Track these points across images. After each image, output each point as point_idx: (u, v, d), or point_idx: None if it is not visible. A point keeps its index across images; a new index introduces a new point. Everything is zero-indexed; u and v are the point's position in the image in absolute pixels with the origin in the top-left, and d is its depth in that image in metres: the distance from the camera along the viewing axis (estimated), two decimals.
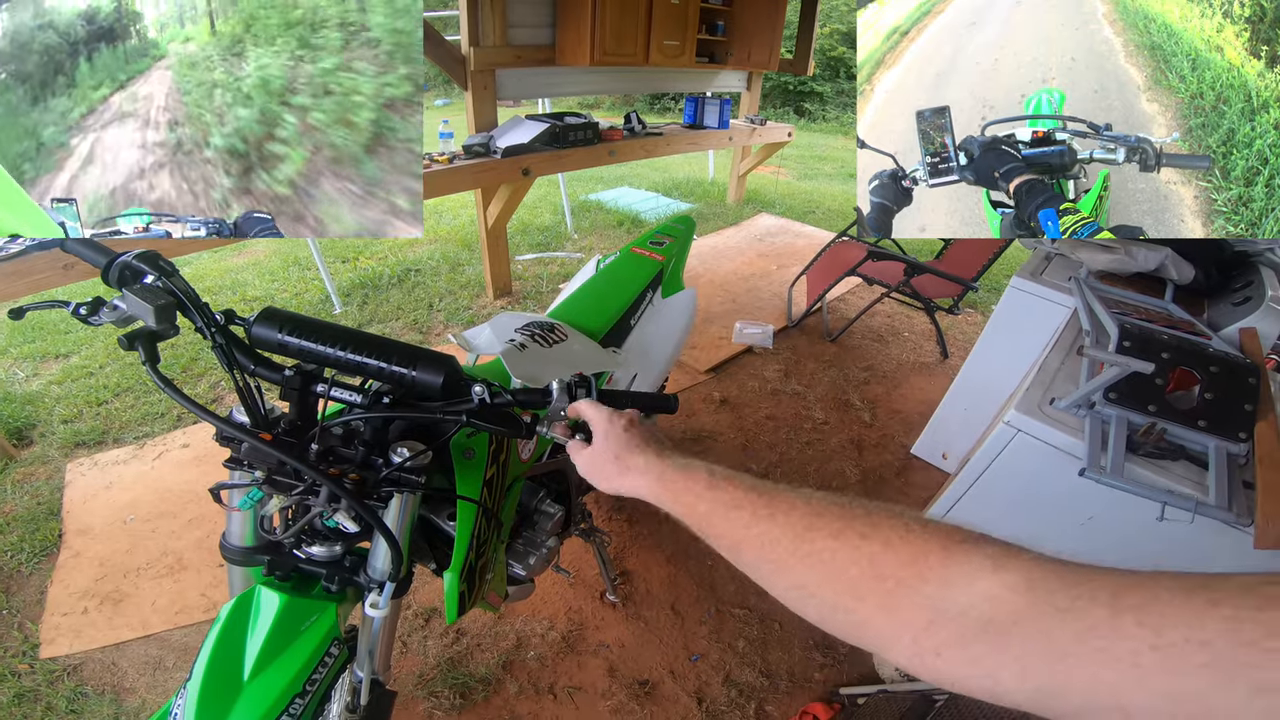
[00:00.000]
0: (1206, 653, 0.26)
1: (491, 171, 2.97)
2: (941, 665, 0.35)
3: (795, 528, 0.45)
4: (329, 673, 0.80)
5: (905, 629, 0.37)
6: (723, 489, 0.52)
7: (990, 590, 0.35)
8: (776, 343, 3.28)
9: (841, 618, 0.42)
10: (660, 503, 0.57)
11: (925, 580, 0.37)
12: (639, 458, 0.61)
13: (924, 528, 0.40)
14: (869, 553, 0.41)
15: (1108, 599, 0.30)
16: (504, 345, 1.18)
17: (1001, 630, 0.33)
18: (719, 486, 0.52)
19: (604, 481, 0.64)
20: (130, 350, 0.68)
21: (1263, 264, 1.69)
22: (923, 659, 0.36)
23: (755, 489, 0.50)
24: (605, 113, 12.05)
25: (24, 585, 1.78)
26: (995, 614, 0.34)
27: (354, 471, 0.75)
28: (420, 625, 1.71)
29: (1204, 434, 1.14)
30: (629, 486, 0.61)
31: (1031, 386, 1.35)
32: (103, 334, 3.01)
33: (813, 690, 1.63)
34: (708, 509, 0.52)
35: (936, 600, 0.37)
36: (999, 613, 0.34)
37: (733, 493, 0.51)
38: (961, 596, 0.36)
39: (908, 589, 0.38)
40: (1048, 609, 0.32)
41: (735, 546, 0.49)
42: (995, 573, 0.35)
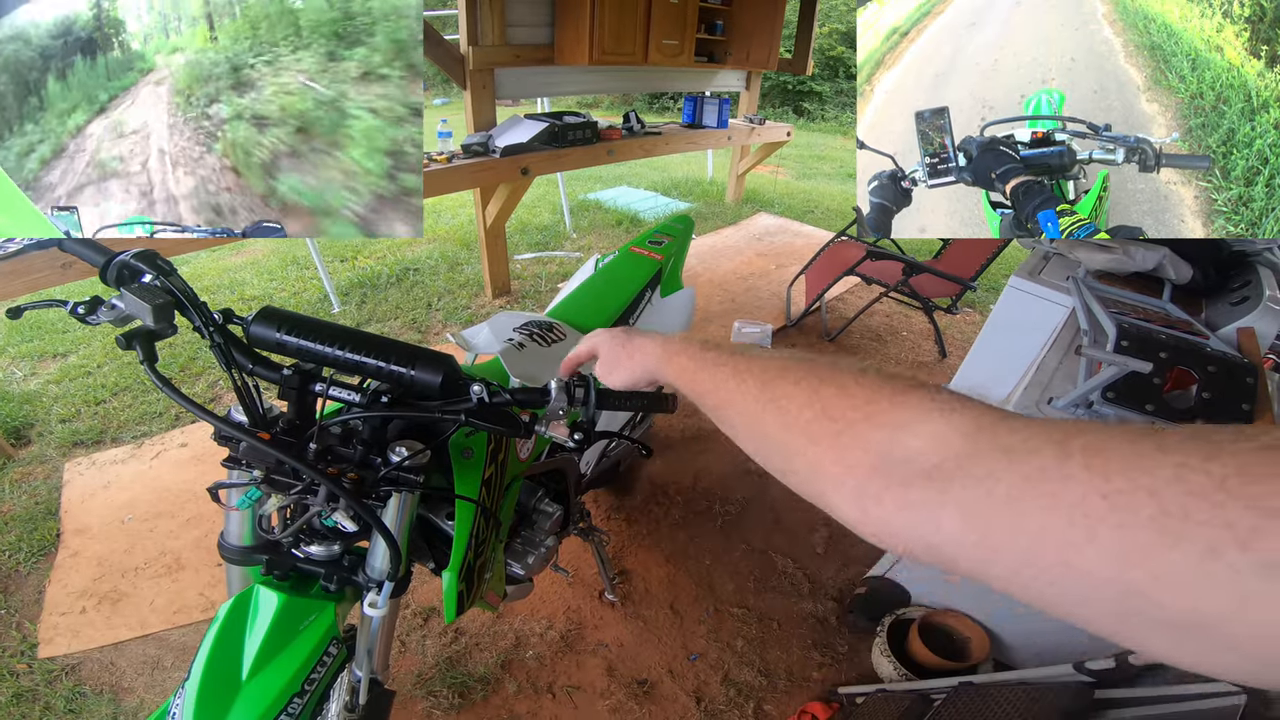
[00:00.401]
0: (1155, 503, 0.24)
1: (490, 171, 2.97)
2: (882, 512, 0.34)
3: (765, 377, 0.46)
4: (327, 672, 0.80)
5: (850, 473, 0.36)
6: (712, 351, 0.55)
7: (937, 431, 0.34)
8: (775, 342, 3.28)
9: (796, 463, 0.41)
10: (664, 375, 0.61)
11: (874, 424, 0.37)
12: (644, 339, 0.65)
13: (879, 374, 0.40)
14: (825, 396, 0.41)
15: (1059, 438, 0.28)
16: (502, 344, 1.18)
17: (945, 474, 0.32)
18: (708, 349, 0.55)
19: (623, 369, 0.67)
20: (128, 349, 0.68)
21: (1260, 264, 1.70)
22: (864, 506, 0.35)
23: (739, 351, 0.52)
24: (604, 112, 12.05)
25: (22, 585, 1.78)
26: (941, 457, 0.33)
27: (352, 471, 0.75)
28: (419, 624, 1.71)
29: None
30: (641, 364, 0.64)
31: (1029, 386, 1.35)
32: (101, 333, 3.00)
33: (811, 689, 1.63)
34: (696, 369, 0.55)
35: (883, 444, 0.36)
36: (944, 455, 0.32)
37: (718, 355, 0.53)
38: (910, 440, 0.35)
39: (856, 432, 0.37)
40: (994, 449, 0.31)
41: (718, 406, 0.51)
42: (944, 416, 0.34)
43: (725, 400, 0.50)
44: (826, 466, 0.38)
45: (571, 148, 3.33)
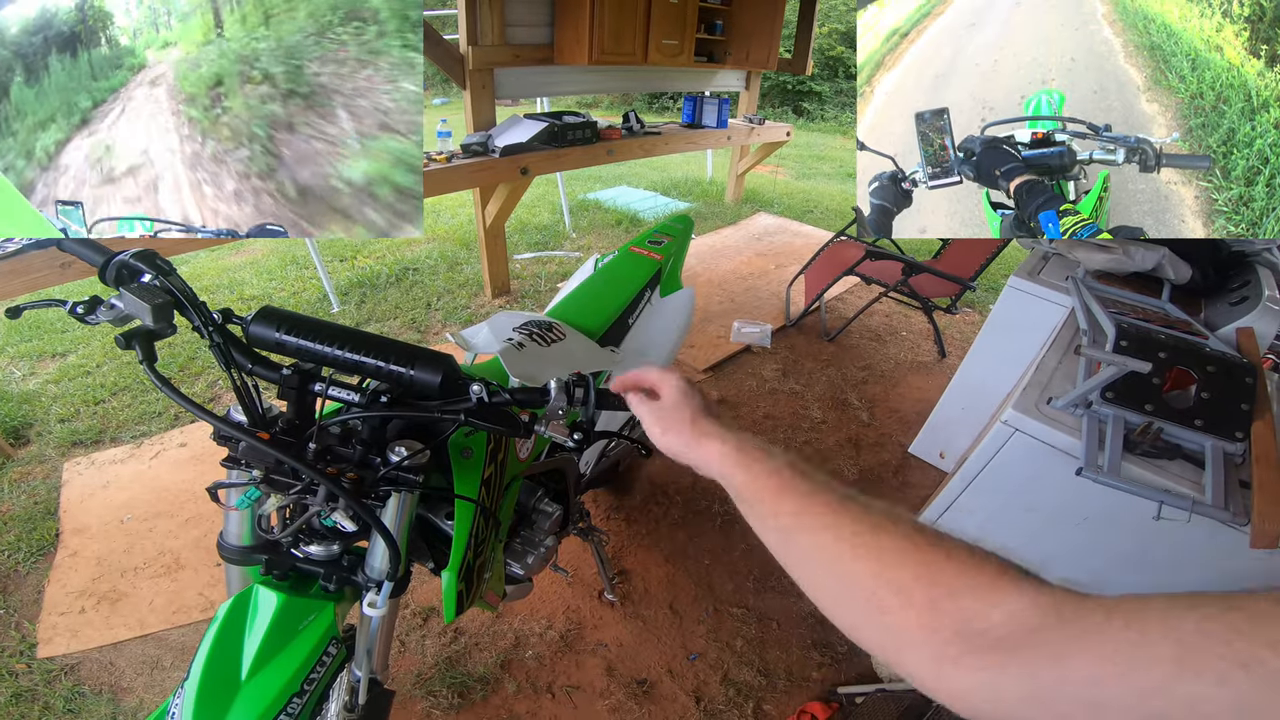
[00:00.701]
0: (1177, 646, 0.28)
1: (490, 170, 2.96)
2: (957, 674, 0.37)
3: (866, 524, 0.46)
4: (327, 672, 0.80)
5: (934, 636, 0.39)
6: (801, 473, 0.52)
7: (1018, 608, 0.37)
8: (774, 342, 3.29)
9: (877, 618, 0.43)
10: (732, 473, 0.55)
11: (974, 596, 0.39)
12: (715, 425, 0.59)
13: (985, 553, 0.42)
14: (931, 559, 0.42)
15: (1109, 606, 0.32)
16: (502, 344, 1.18)
17: (1014, 643, 0.35)
18: (799, 470, 0.52)
19: (676, 442, 0.60)
20: (127, 349, 0.68)
21: (1259, 264, 1.70)
22: (940, 667, 0.38)
23: (831, 487, 0.51)
24: (604, 112, 12.04)
25: (21, 585, 1.78)
26: (1013, 629, 0.36)
27: (352, 470, 0.75)
28: (418, 624, 1.71)
29: (1200, 433, 1.14)
30: (702, 453, 0.58)
31: (1029, 386, 1.35)
32: (100, 333, 3.00)
33: (810, 689, 1.63)
34: (780, 485, 0.51)
35: (970, 613, 0.38)
36: (1017, 627, 0.36)
37: (811, 482, 0.51)
38: (993, 613, 0.37)
39: (955, 601, 0.39)
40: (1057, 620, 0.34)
41: (795, 528, 0.49)
42: (1031, 596, 0.37)
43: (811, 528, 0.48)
44: (911, 627, 0.40)
45: (571, 147, 3.33)
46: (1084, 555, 1.32)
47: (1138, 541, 1.22)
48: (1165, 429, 1.16)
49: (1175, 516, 1.06)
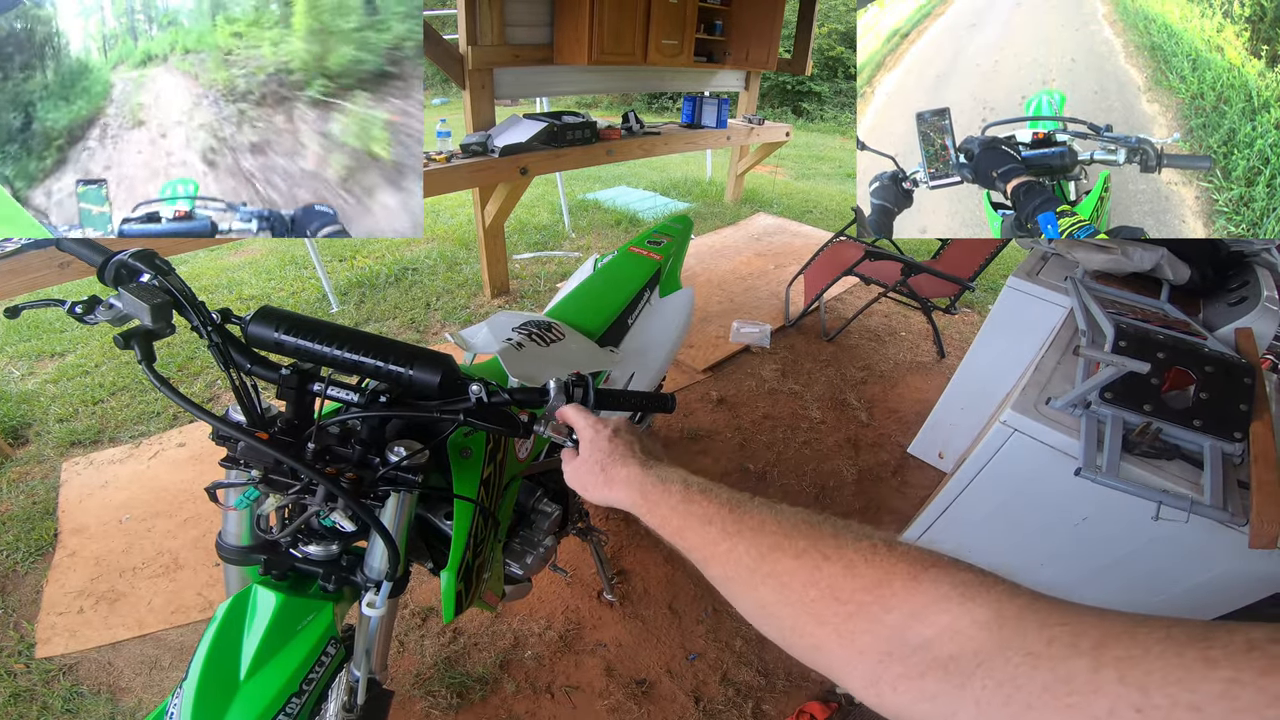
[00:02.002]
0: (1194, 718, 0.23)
1: (489, 170, 2.96)
2: (897, 700, 0.33)
3: (760, 546, 0.44)
4: (326, 672, 0.80)
5: (861, 658, 0.36)
6: (696, 503, 0.51)
7: (955, 624, 0.33)
8: (774, 342, 3.29)
9: (800, 641, 0.40)
10: (640, 515, 0.57)
11: (887, 609, 0.36)
12: (622, 469, 0.60)
13: (890, 551, 0.38)
14: (829, 574, 0.39)
15: (1090, 648, 0.27)
16: (501, 344, 1.18)
17: (963, 670, 0.31)
18: (693, 500, 0.52)
19: (590, 492, 0.63)
20: (126, 349, 0.68)
21: (1258, 264, 1.70)
22: (879, 691, 0.34)
23: (728, 504, 0.49)
24: (603, 112, 12.04)
25: (19, 585, 1.77)
26: (958, 651, 0.32)
27: (351, 470, 0.75)
28: (417, 624, 1.71)
29: (1199, 434, 1.15)
30: (613, 498, 0.60)
31: (1028, 386, 1.35)
32: (98, 333, 3.00)
33: (810, 689, 1.63)
34: (680, 523, 0.51)
35: (897, 630, 0.35)
36: (962, 650, 0.32)
37: (705, 507, 0.50)
38: (925, 629, 0.34)
39: (867, 616, 0.36)
40: (1016, 652, 0.30)
41: (704, 561, 0.49)
42: (962, 604, 0.33)
43: (711, 560, 0.48)
44: (834, 649, 0.37)
45: (570, 147, 3.33)
46: (1082, 555, 1.32)
47: (1136, 542, 1.22)
48: (1164, 429, 1.16)
49: (1174, 517, 1.06)
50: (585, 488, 0.64)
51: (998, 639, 0.31)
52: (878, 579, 0.37)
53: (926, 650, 0.33)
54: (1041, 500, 1.33)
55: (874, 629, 0.36)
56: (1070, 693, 0.26)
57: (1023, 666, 0.29)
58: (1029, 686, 0.28)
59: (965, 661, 0.31)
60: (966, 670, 0.31)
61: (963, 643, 0.32)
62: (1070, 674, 0.27)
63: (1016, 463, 1.32)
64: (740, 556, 0.45)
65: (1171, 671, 0.24)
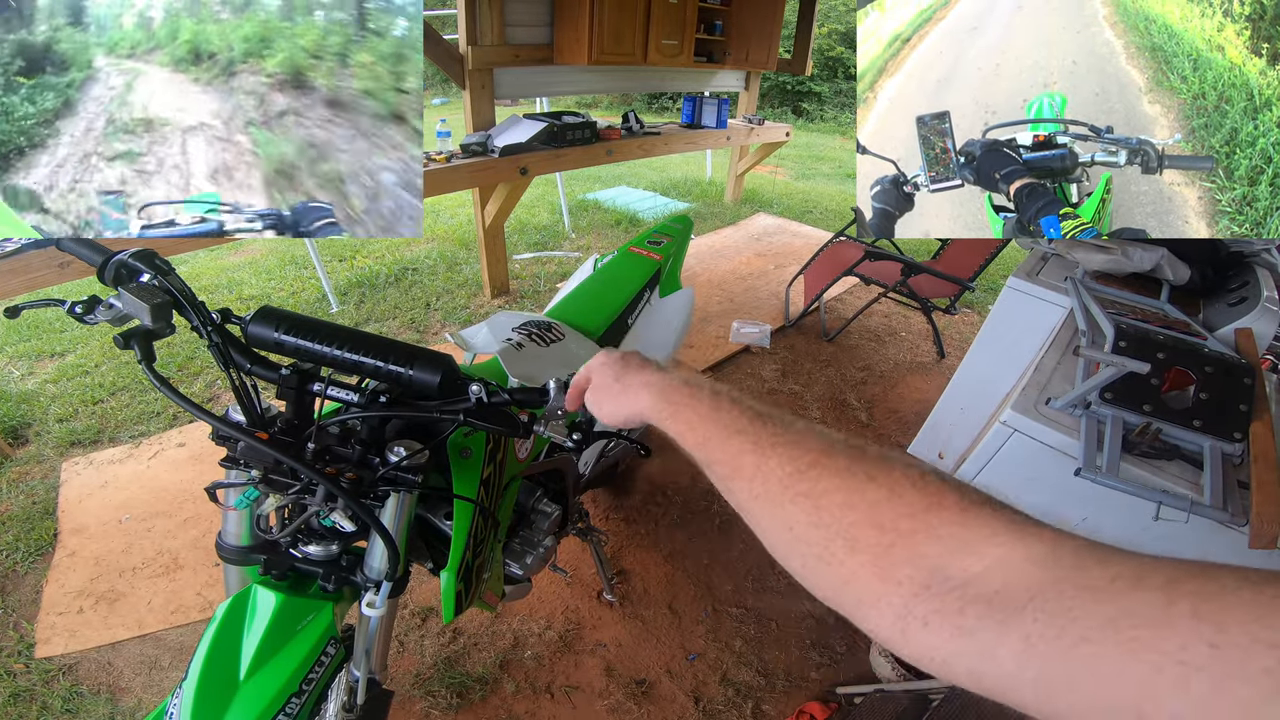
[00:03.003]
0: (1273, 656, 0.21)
1: (489, 170, 2.96)
2: (928, 638, 0.30)
3: (797, 462, 0.40)
4: (325, 672, 0.80)
5: (896, 591, 0.32)
6: (726, 410, 0.46)
7: (1007, 557, 0.30)
8: (774, 342, 3.29)
9: (825, 570, 0.36)
10: (661, 421, 0.52)
11: (934, 537, 0.33)
12: (639, 374, 0.56)
13: (941, 481, 0.35)
14: (873, 497, 0.35)
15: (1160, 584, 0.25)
16: (501, 344, 1.18)
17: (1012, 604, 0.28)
18: (722, 408, 0.47)
19: (609, 405, 0.58)
20: (126, 349, 0.68)
21: (1258, 264, 1.70)
22: (906, 627, 0.31)
23: (761, 417, 0.45)
24: (603, 112, 12.04)
25: (19, 585, 1.77)
26: (1006, 585, 0.29)
27: (351, 470, 0.75)
28: (417, 624, 1.71)
29: (1199, 434, 1.15)
30: (632, 406, 0.55)
31: (1027, 386, 1.35)
32: (98, 333, 2.99)
33: (809, 689, 1.63)
34: (706, 431, 0.47)
35: (940, 562, 0.32)
36: (1012, 584, 0.29)
37: (736, 416, 0.45)
38: (972, 562, 0.31)
39: (909, 545, 0.33)
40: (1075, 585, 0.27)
41: (729, 475, 0.44)
42: (1018, 538, 0.30)
43: (737, 473, 0.43)
44: (866, 580, 0.34)
45: (570, 147, 3.33)
46: None
47: (1136, 542, 1.22)
48: (1164, 429, 1.16)
49: (1174, 517, 1.06)
50: (601, 404, 0.59)
51: (1053, 574, 0.28)
52: (926, 504, 0.34)
53: (970, 585, 0.30)
54: (1041, 500, 1.33)
55: (915, 560, 0.32)
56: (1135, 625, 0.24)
57: (1080, 598, 0.26)
58: (1086, 620, 0.25)
59: (1015, 595, 0.28)
60: (1016, 605, 0.28)
61: (1013, 576, 0.29)
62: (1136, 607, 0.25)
63: (1016, 463, 1.32)
64: (772, 471, 0.40)
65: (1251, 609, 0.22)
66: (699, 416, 0.48)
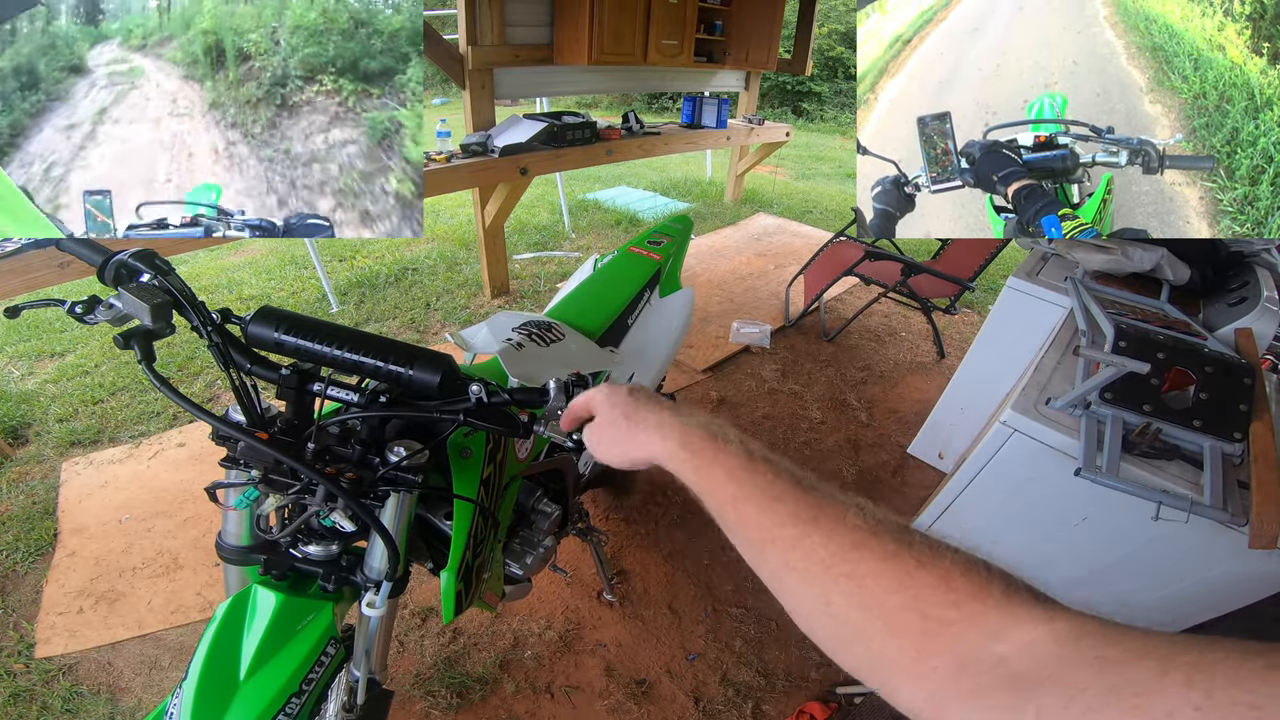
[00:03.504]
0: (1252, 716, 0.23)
1: (489, 170, 2.96)
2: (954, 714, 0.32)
3: (841, 540, 0.40)
4: (325, 672, 0.80)
5: (932, 675, 0.34)
6: (761, 473, 0.44)
7: (1031, 639, 0.32)
8: (774, 342, 3.29)
9: (858, 647, 0.38)
10: (680, 470, 0.50)
11: (973, 625, 0.34)
12: (651, 414, 0.53)
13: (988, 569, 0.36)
14: (920, 583, 0.36)
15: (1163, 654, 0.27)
16: (501, 344, 1.18)
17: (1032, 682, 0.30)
18: (758, 470, 0.45)
19: (616, 449, 0.56)
20: (126, 349, 0.68)
21: (1258, 264, 1.70)
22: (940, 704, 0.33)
23: (801, 484, 0.43)
24: (603, 112, 12.04)
25: (19, 585, 1.77)
26: (1031, 664, 0.31)
27: (351, 470, 0.75)
28: (417, 624, 1.71)
29: (1199, 434, 1.15)
30: (643, 449, 0.53)
31: (1027, 386, 1.35)
32: (98, 333, 2.99)
33: (809, 689, 1.63)
34: (738, 492, 0.45)
35: (975, 647, 0.33)
36: (1035, 663, 0.31)
37: (772, 481, 0.44)
38: (1005, 647, 0.32)
39: (950, 635, 0.34)
40: (1088, 659, 0.29)
41: (761, 542, 0.43)
42: (1046, 622, 0.32)
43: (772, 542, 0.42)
44: (904, 662, 0.35)
45: (570, 148, 3.33)
46: (1082, 556, 1.32)
47: (1136, 542, 1.22)
48: (1164, 429, 1.16)
49: (1174, 517, 1.06)
50: (611, 446, 0.56)
51: (1073, 651, 0.30)
52: (971, 593, 0.35)
53: (998, 669, 0.32)
54: (1041, 500, 1.33)
55: (954, 647, 0.34)
56: (1136, 694, 0.26)
57: (1091, 670, 0.28)
58: (1094, 689, 0.28)
59: (1036, 674, 0.30)
60: (1035, 682, 0.30)
61: (1034, 658, 0.31)
62: (1138, 676, 0.27)
63: (1016, 463, 1.32)
64: (814, 548, 0.40)
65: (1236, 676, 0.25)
66: (727, 474, 0.46)
